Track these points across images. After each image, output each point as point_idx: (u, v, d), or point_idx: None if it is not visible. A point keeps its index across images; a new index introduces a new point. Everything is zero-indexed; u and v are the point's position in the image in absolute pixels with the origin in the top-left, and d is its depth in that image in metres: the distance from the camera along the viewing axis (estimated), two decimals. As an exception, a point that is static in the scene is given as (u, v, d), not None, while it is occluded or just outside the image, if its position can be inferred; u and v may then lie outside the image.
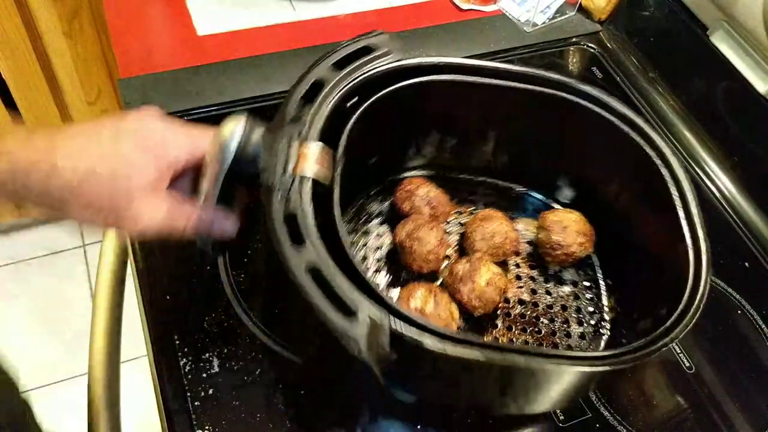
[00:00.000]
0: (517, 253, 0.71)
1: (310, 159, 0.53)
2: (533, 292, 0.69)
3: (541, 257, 0.70)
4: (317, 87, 0.58)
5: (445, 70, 0.65)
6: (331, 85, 0.58)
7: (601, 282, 0.70)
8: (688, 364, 0.68)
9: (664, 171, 0.60)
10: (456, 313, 0.62)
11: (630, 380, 0.66)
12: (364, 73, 0.60)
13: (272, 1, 0.96)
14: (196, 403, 0.58)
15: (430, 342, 0.47)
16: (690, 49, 0.90)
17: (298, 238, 0.49)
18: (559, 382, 0.55)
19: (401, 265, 0.68)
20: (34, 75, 1.32)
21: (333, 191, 0.54)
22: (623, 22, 0.99)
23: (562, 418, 0.62)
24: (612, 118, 0.64)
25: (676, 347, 0.69)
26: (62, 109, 1.43)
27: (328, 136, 0.56)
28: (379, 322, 0.46)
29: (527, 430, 0.62)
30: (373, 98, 0.62)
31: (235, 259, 0.67)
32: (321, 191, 0.53)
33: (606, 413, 0.63)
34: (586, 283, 0.70)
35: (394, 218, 0.71)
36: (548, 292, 0.69)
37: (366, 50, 0.61)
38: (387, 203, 0.74)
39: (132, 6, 0.92)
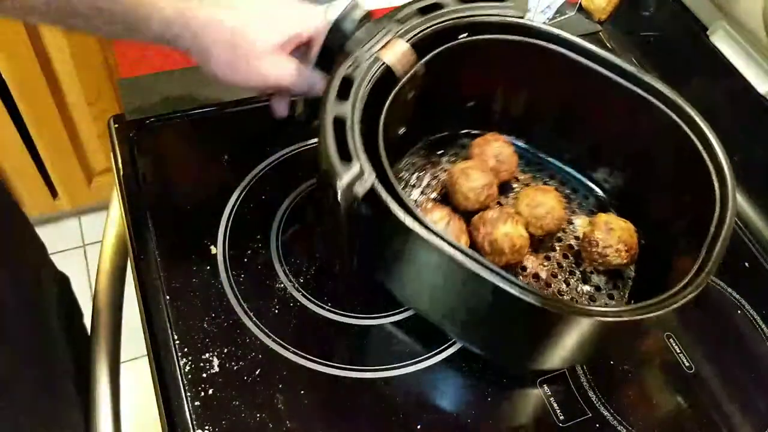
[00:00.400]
0: (559, 240, 0.72)
1: (395, 50, 0.61)
2: (553, 275, 0.69)
3: (579, 253, 0.70)
4: (436, 7, 0.65)
5: (560, 43, 0.68)
6: (448, 10, 0.65)
7: (625, 299, 0.70)
8: (688, 364, 0.68)
9: (717, 189, 0.61)
10: (463, 243, 0.64)
11: (630, 380, 0.66)
12: (483, 15, 0.66)
13: (272, 1, 0.96)
14: (195, 403, 0.58)
15: (395, 209, 0.52)
16: (690, 50, 0.90)
17: (343, 95, 0.57)
18: (516, 316, 0.56)
19: (448, 200, 0.72)
20: (34, 75, 1.32)
21: (397, 83, 0.62)
22: (623, 22, 0.99)
23: (562, 417, 0.62)
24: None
25: (676, 347, 0.69)
26: (62, 109, 1.43)
27: (423, 50, 0.64)
28: (365, 175, 0.52)
29: (527, 428, 0.62)
30: (480, 38, 0.67)
31: (235, 260, 0.67)
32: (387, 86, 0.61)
33: (606, 413, 0.63)
34: (609, 293, 0.70)
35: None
36: (566, 282, 0.69)
37: None
38: (467, 149, 0.76)
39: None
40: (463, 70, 0.71)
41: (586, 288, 0.69)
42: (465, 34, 0.67)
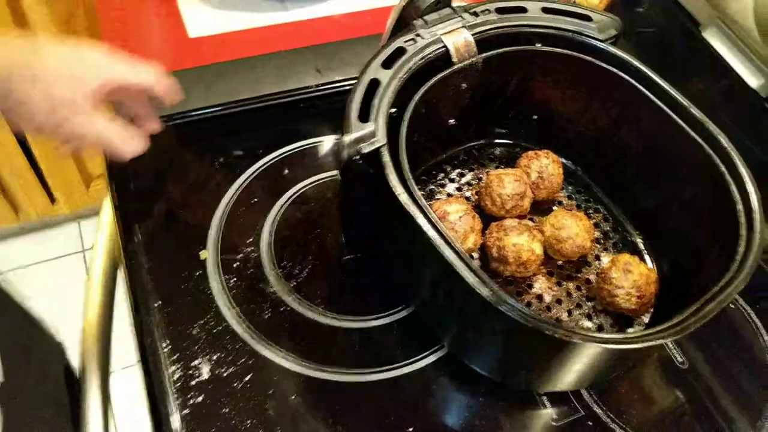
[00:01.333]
0: (578, 271, 0.70)
1: (458, 37, 0.62)
2: (557, 302, 0.67)
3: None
4: (517, 10, 0.67)
5: (632, 74, 0.67)
6: (525, 16, 0.66)
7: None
8: (681, 360, 0.67)
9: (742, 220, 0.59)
10: (471, 241, 0.64)
11: (622, 376, 0.65)
12: (561, 30, 0.67)
13: (264, 2, 0.96)
14: (185, 411, 0.57)
15: (393, 179, 0.53)
16: (684, 46, 0.89)
17: (390, 63, 0.58)
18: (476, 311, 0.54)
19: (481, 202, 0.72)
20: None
21: (448, 67, 0.63)
22: (617, 19, 0.99)
23: (555, 417, 0.62)
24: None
25: (669, 343, 0.68)
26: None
27: (489, 48, 0.65)
28: (375, 135, 0.54)
29: (520, 428, 0.62)
30: (549, 50, 0.67)
31: (226, 264, 0.67)
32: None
33: (599, 411, 0.63)
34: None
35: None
36: (569, 312, 0.67)
37: (585, 17, 0.68)
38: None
39: (124, 8, 0.91)
40: (530, 80, 0.71)
41: (588, 324, 0.66)
42: (538, 45, 0.67)
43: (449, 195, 0.74)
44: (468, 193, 0.74)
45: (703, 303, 0.52)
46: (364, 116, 0.55)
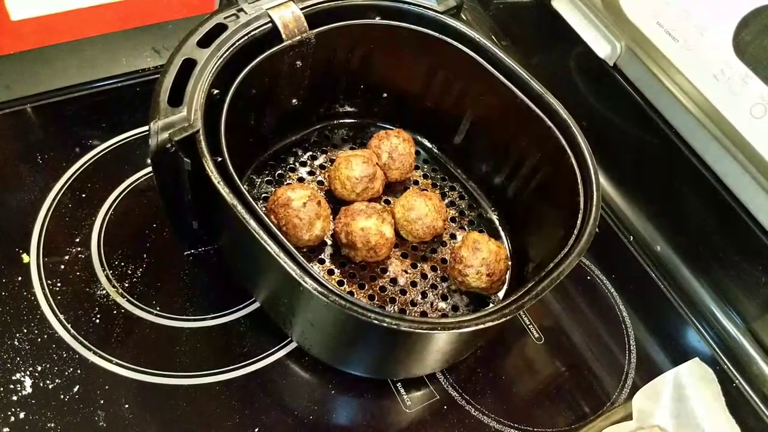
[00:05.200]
0: (434, 251, 0.68)
1: (285, 12, 0.58)
2: (412, 284, 0.66)
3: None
4: None
5: (471, 47, 0.65)
6: None
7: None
8: (537, 335, 0.67)
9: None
10: (318, 228, 0.62)
11: (479, 356, 0.65)
12: (394, 2, 0.65)
13: (99, -21, 0.89)
14: (5, 430, 0.53)
15: (210, 167, 0.49)
16: (536, 16, 0.89)
17: (206, 43, 0.54)
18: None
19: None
20: None
21: (277, 44, 0.59)
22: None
23: (409, 403, 0.60)
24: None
25: (526, 319, 0.68)
26: None
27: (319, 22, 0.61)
28: (189, 123, 0.49)
29: (374, 419, 0.60)
30: (387, 23, 0.65)
31: (51, 267, 0.61)
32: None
33: (455, 394, 0.62)
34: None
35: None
36: (423, 294, 0.65)
37: None
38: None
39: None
40: (372, 55, 0.68)
41: (442, 305, 0.65)
42: (378, 17, 0.64)
43: (300, 179, 0.70)
44: (321, 177, 0.71)
45: (537, 281, 0.51)
46: (176, 100, 0.50)
